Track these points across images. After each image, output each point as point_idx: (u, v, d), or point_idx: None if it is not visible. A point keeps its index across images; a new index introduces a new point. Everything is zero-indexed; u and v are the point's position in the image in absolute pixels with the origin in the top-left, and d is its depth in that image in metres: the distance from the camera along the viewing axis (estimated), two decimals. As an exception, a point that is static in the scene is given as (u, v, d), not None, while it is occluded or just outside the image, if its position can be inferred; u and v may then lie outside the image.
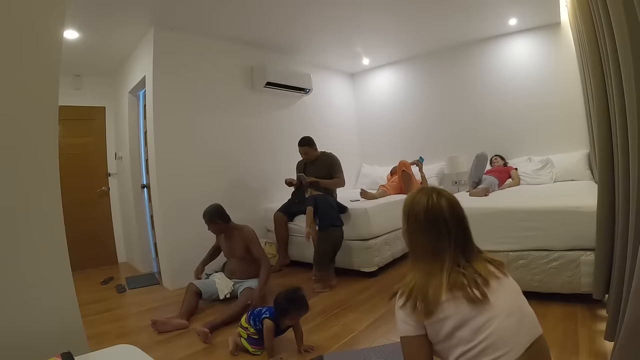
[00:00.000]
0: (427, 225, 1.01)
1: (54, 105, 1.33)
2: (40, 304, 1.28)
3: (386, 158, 4.83)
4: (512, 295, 0.96)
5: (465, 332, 0.88)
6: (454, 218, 1.01)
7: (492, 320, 0.87)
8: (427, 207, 1.01)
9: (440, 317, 0.90)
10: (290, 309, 1.77)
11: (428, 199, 1.02)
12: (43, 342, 1.23)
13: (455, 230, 1.00)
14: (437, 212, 1.00)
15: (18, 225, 1.24)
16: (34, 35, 1.25)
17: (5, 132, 1.20)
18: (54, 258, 1.34)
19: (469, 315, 0.89)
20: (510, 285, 0.99)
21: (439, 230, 0.99)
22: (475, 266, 0.98)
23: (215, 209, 2.63)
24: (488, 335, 0.86)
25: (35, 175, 1.29)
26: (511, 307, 0.92)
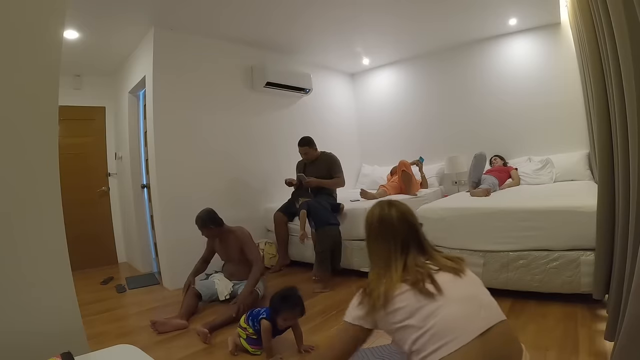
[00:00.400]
0: (379, 232, 1.15)
1: (54, 105, 1.33)
2: (40, 304, 1.28)
3: (386, 158, 4.83)
4: (468, 286, 1.05)
5: (415, 320, 0.96)
6: (403, 224, 1.13)
7: (441, 308, 0.95)
8: (379, 216, 1.17)
9: (393, 308, 0.99)
10: (283, 308, 1.76)
11: (380, 210, 1.18)
12: (43, 342, 1.23)
13: (404, 235, 1.12)
14: (388, 220, 1.15)
15: (18, 225, 1.24)
16: (33, 35, 1.25)
17: (5, 132, 1.20)
18: (54, 258, 1.34)
19: (419, 305, 0.97)
20: (468, 278, 1.09)
21: (389, 235, 1.13)
22: (433, 263, 1.09)
23: (207, 213, 2.60)
24: (437, 322, 0.93)
25: (35, 175, 1.29)
26: (463, 296, 1.00)
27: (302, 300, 1.81)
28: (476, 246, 2.31)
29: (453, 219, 2.43)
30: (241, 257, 2.62)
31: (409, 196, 3.71)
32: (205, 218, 2.59)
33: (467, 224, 2.38)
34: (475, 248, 2.32)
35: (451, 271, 1.06)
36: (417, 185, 4.01)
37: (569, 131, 3.76)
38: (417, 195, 3.79)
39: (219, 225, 2.62)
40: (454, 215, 2.44)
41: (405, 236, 1.12)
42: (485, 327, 0.93)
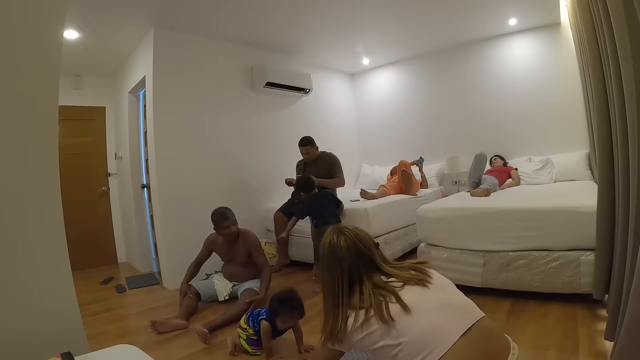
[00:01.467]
0: (329, 263, 1.16)
1: (54, 105, 1.33)
2: (41, 304, 1.28)
3: (386, 158, 4.83)
4: (436, 292, 1.05)
5: (389, 339, 0.97)
6: (351, 253, 1.13)
7: (414, 323, 0.96)
8: (329, 246, 1.17)
9: (363, 335, 1.01)
10: (282, 310, 1.75)
11: (330, 239, 1.18)
12: (43, 342, 1.23)
13: (354, 264, 1.12)
14: (336, 250, 1.14)
15: (18, 225, 1.24)
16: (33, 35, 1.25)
17: (5, 132, 1.20)
18: (54, 258, 1.34)
19: (386, 328, 0.98)
20: (436, 284, 1.08)
21: (337, 267, 1.13)
22: (396, 279, 1.09)
23: (229, 210, 2.59)
24: (413, 336, 0.94)
25: (35, 175, 1.29)
26: (433, 305, 1.00)
27: (301, 302, 1.80)
28: (476, 246, 2.31)
29: (453, 219, 2.43)
30: (247, 260, 2.61)
31: (409, 196, 3.71)
32: (232, 213, 2.58)
33: (467, 224, 2.38)
34: (475, 248, 2.32)
35: (417, 283, 1.06)
36: (417, 185, 4.01)
37: (569, 131, 3.76)
38: (417, 195, 3.79)
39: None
40: (454, 215, 2.44)
41: (356, 265, 1.12)
42: (466, 327, 0.95)
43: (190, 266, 2.66)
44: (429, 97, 4.76)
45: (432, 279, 1.09)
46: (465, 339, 0.92)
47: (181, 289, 2.56)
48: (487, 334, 0.98)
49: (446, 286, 1.10)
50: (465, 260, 2.34)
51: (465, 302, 1.05)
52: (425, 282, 1.07)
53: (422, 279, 1.08)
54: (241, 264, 2.63)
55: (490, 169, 3.76)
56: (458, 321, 0.96)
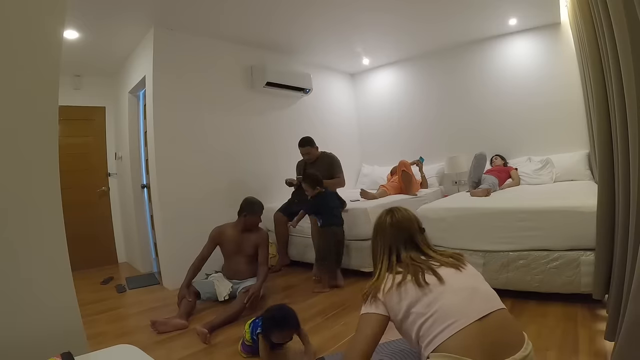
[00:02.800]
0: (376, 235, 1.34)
1: (54, 105, 1.33)
2: (40, 304, 1.28)
3: (386, 158, 4.83)
4: (468, 277, 1.15)
5: (418, 307, 1.06)
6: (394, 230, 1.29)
7: (442, 295, 1.05)
8: (377, 222, 1.36)
9: (398, 299, 1.11)
10: (274, 329, 1.68)
11: (379, 217, 1.37)
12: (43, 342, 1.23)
13: (396, 238, 1.28)
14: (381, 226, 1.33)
15: (18, 225, 1.24)
16: (33, 35, 1.25)
17: (5, 132, 1.20)
18: (54, 258, 1.34)
19: (421, 293, 1.08)
20: (469, 271, 1.19)
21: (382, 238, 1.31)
22: (434, 259, 1.21)
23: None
24: (438, 308, 1.02)
25: (35, 175, 1.29)
26: (463, 285, 1.10)
27: (293, 318, 1.71)
28: (476, 246, 2.31)
29: (453, 219, 2.43)
30: (253, 254, 2.66)
31: (409, 196, 3.70)
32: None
33: (467, 224, 2.38)
34: (475, 248, 2.32)
35: (452, 266, 1.16)
36: (417, 185, 4.01)
37: (569, 131, 3.76)
38: (417, 195, 3.79)
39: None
40: (454, 215, 2.44)
41: (396, 240, 1.27)
42: (483, 313, 1.00)
43: (191, 265, 2.60)
44: (429, 97, 4.76)
45: (465, 267, 1.19)
46: (480, 324, 0.98)
47: (180, 292, 2.50)
48: (502, 324, 1.02)
49: (477, 276, 1.19)
50: (465, 260, 2.34)
51: (490, 292, 1.12)
52: (460, 267, 1.17)
53: (458, 264, 1.18)
54: (246, 257, 2.65)
55: (490, 169, 3.75)
56: (478, 305, 1.03)
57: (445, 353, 0.95)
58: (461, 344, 0.95)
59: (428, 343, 1.00)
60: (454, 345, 0.96)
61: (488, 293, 1.11)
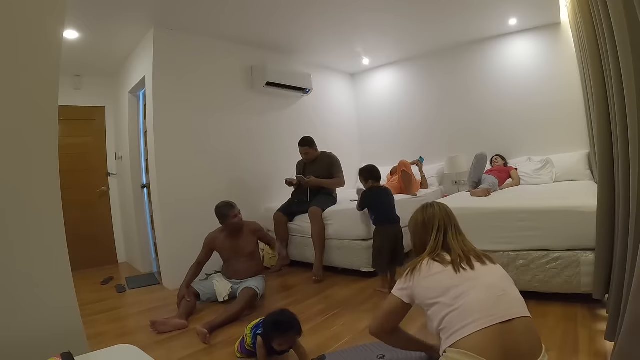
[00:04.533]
0: (423, 224, 1.36)
1: (54, 105, 1.33)
2: (40, 304, 1.28)
3: (386, 158, 4.82)
4: (498, 277, 1.16)
5: (447, 298, 1.07)
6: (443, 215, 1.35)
7: (470, 291, 1.06)
8: (422, 211, 1.40)
9: (428, 285, 1.15)
10: (275, 333, 1.64)
11: (423, 208, 1.41)
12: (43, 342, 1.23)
13: (444, 222, 1.32)
14: (430, 212, 1.37)
15: (18, 225, 1.24)
16: (34, 35, 1.25)
17: (5, 132, 1.20)
18: (54, 258, 1.34)
19: (451, 284, 1.09)
20: (499, 270, 1.20)
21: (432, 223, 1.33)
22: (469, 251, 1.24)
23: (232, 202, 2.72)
24: (464, 302, 1.04)
25: (35, 175, 1.29)
26: (492, 284, 1.10)
27: (295, 322, 1.67)
28: (476, 246, 2.31)
29: (453, 219, 2.43)
30: (254, 250, 2.68)
31: (409, 196, 3.70)
32: (234, 204, 2.68)
33: (467, 224, 2.33)
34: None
35: (484, 261, 1.19)
36: (417, 185, 4.01)
37: (569, 131, 3.76)
38: (417, 195, 3.79)
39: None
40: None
41: (443, 222, 1.31)
42: (507, 317, 1.00)
43: (190, 269, 2.63)
44: (429, 97, 4.76)
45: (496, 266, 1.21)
46: (502, 327, 0.98)
47: (179, 292, 2.52)
48: (524, 332, 1.02)
49: (508, 279, 1.18)
50: (465, 260, 2.34)
51: (519, 297, 1.12)
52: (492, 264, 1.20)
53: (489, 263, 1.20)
54: (247, 256, 2.64)
55: (490, 169, 3.75)
56: (504, 308, 1.02)
57: (462, 350, 0.96)
58: (479, 344, 0.96)
59: (448, 337, 1.02)
60: (472, 344, 0.96)
61: (516, 298, 1.10)
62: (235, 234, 2.67)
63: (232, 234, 2.67)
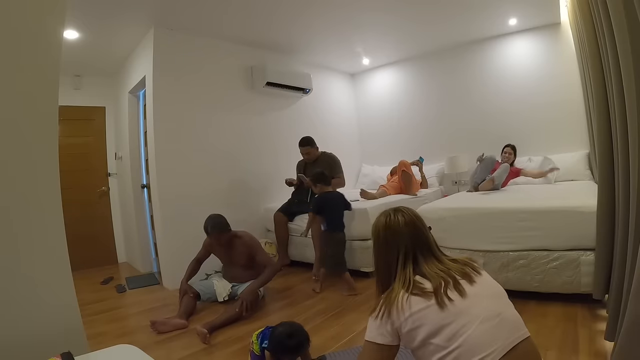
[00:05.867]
0: (385, 240, 1.11)
1: (54, 105, 1.33)
2: (40, 304, 1.28)
3: (386, 158, 4.83)
4: (491, 299, 0.99)
5: (439, 339, 0.90)
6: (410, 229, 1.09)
7: (467, 326, 0.90)
8: (385, 224, 1.13)
9: (415, 325, 0.94)
10: (286, 354, 1.61)
11: (386, 217, 1.14)
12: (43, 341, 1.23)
13: (412, 237, 1.08)
14: (394, 227, 1.10)
15: (18, 225, 1.24)
16: (33, 35, 1.25)
17: (5, 132, 1.20)
18: (54, 258, 1.34)
19: (443, 323, 0.91)
20: (489, 287, 1.04)
21: (395, 243, 1.08)
22: (450, 270, 1.02)
23: (221, 217, 2.55)
24: (463, 342, 0.88)
25: (35, 175, 1.29)
26: (488, 312, 0.93)
27: (305, 341, 1.62)
28: (476, 246, 2.31)
29: (453, 219, 2.43)
30: (247, 263, 2.58)
31: (409, 196, 3.70)
32: (224, 222, 2.52)
33: (467, 224, 2.38)
34: (475, 248, 2.32)
35: (470, 280, 1.00)
36: (417, 185, 4.01)
37: (569, 131, 3.76)
38: (417, 195, 3.79)
39: (230, 229, 2.58)
40: (454, 215, 2.44)
41: (412, 242, 1.08)
42: (511, 345, 0.90)
43: (190, 264, 2.66)
44: (429, 97, 4.76)
45: (482, 275, 1.06)
46: (508, 358, 0.87)
47: (181, 287, 2.55)
48: (528, 356, 0.93)
49: (500, 295, 1.04)
50: (465, 260, 2.34)
51: (517, 317, 0.99)
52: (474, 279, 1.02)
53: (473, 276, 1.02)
54: (241, 266, 2.62)
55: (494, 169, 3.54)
56: (507, 337, 0.91)
57: None
58: None
59: None
60: None
61: (514, 319, 0.98)
62: (227, 246, 2.60)
63: (226, 245, 2.59)
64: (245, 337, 2.00)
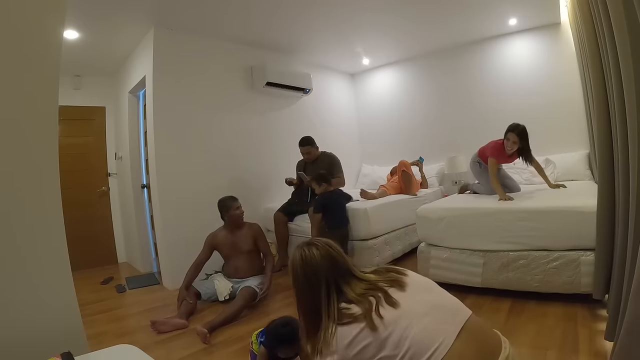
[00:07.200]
0: (305, 277, 1.09)
1: (54, 105, 1.33)
2: (40, 304, 1.28)
3: (386, 158, 4.83)
4: (424, 294, 1.02)
5: (387, 351, 0.91)
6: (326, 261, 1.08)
7: (409, 328, 0.91)
8: (301, 260, 1.11)
9: (358, 349, 0.93)
10: (280, 345, 1.59)
11: (302, 253, 1.12)
12: (43, 342, 1.23)
13: (331, 269, 1.07)
14: (312, 262, 1.09)
15: (18, 225, 1.24)
16: (33, 35, 1.25)
17: (5, 132, 1.20)
18: (54, 258, 1.34)
19: (383, 336, 0.92)
20: (418, 283, 1.06)
21: (318, 279, 1.06)
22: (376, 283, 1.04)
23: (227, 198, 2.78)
24: (410, 344, 0.89)
25: (35, 175, 1.29)
26: (425, 307, 0.96)
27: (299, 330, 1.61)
28: (476, 246, 2.32)
29: (453, 219, 2.43)
30: (252, 249, 2.70)
31: (409, 196, 3.70)
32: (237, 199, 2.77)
33: (467, 224, 2.38)
34: (475, 248, 2.32)
35: (398, 285, 1.02)
36: (417, 185, 4.01)
37: (569, 131, 3.76)
38: (417, 195, 3.79)
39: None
40: (454, 215, 2.44)
41: (332, 273, 1.07)
42: (459, 328, 0.92)
43: (189, 270, 2.62)
44: (429, 97, 4.76)
45: (408, 276, 1.07)
46: (460, 340, 0.90)
47: (179, 295, 2.52)
48: (479, 331, 0.97)
49: (431, 287, 1.07)
50: (465, 260, 2.34)
51: (454, 301, 1.02)
52: (404, 284, 1.03)
53: (401, 279, 1.05)
54: (246, 254, 2.67)
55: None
56: (451, 323, 0.93)
57: None
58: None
59: None
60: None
61: (453, 304, 1.02)
62: (235, 230, 2.72)
63: (232, 229, 2.71)
64: (245, 337, 2.00)
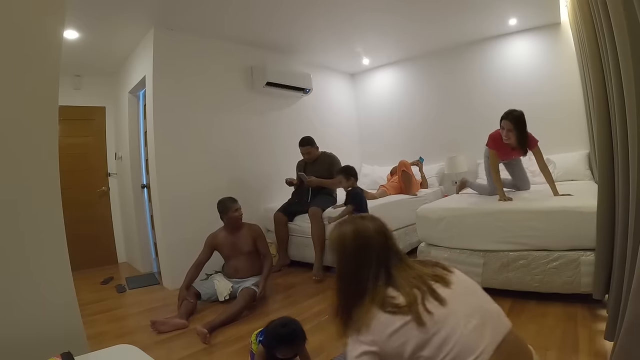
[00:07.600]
0: (355, 250, 1.01)
1: (54, 105, 1.33)
2: (40, 304, 1.28)
3: (386, 158, 4.83)
4: (470, 296, 0.97)
5: (428, 351, 0.87)
6: (381, 237, 1.02)
7: (454, 330, 0.87)
8: (354, 232, 1.02)
9: (399, 342, 0.89)
10: (279, 346, 1.56)
11: (354, 225, 1.04)
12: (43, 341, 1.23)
13: (383, 247, 1.01)
14: (364, 235, 1.01)
15: (18, 225, 1.24)
16: (33, 35, 1.25)
17: (5, 132, 1.20)
18: (54, 258, 1.34)
19: (428, 335, 0.87)
20: (465, 284, 1.00)
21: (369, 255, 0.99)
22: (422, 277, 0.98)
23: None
24: (453, 346, 0.85)
25: (35, 175, 1.29)
26: (471, 310, 0.91)
27: (300, 333, 1.57)
28: (476, 246, 2.31)
29: (453, 219, 2.43)
30: (251, 250, 2.69)
31: (409, 196, 3.71)
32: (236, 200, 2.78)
33: (467, 224, 2.38)
34: (475, 248, 2.32)
35: (444, 281, 0.97)
36: (417, 185, 4.02)
37: (569, 131, 3.76)
38: (417, 195, 3.79)
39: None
40: (454, 215, 2.44)
41: (384, 251, 1.00)
42: (499, 339, 0.89)
43: (189, 271, 2.61)
44: (429, 97, 4.76)
45: (454, 274, 1.02)
46: (497, 353, 0.86)
47: (179, 294, 2.52)
48: (517, 346, 0.93)
49: (476, 289, 1.01)
50: (465, 260, 2.34)
51: (497, 310, 0.97)
52: (450, 279, 0.98)
53: (446, 276, 0.98)
54: (246, 255, 2.67)
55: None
56: (493, 333, 0.89)
57: None
58: None
59: None
60: None
61: (497, 313, 0.96)
62: (235, 230, 2.71)
63: (232, 230, 2.71)
64: (245, 337, 2.00)
